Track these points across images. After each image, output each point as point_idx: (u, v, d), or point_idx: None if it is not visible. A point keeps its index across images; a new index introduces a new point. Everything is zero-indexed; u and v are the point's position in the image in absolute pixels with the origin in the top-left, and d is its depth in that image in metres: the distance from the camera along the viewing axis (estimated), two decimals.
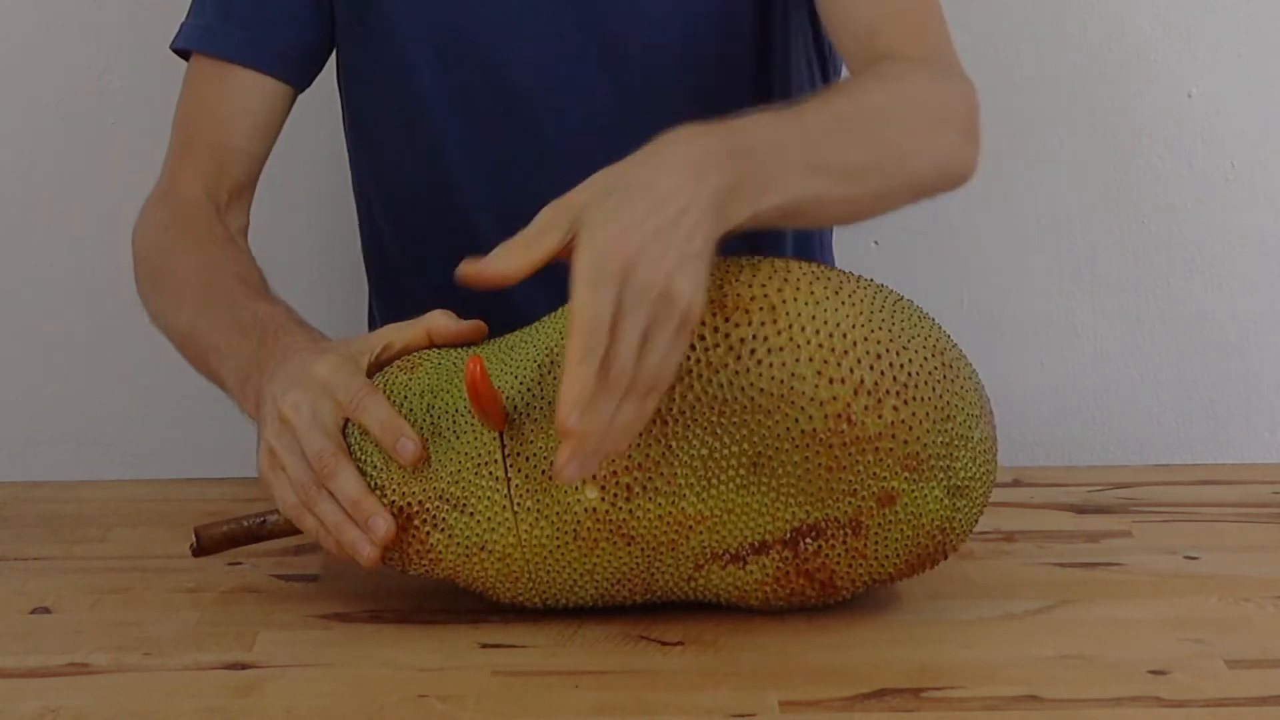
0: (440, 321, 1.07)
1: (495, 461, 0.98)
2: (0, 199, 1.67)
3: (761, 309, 0.98)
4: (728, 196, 0.97)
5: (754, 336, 0.97)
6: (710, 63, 1.28)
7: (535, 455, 0.98)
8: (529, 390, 0.99)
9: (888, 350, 0.98)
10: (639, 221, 0.93)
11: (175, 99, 1.63)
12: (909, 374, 0.98)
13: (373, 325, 1.43)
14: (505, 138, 1.30)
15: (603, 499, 0.97)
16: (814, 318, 0.97)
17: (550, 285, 0.97)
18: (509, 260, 0.94)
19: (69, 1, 1.64)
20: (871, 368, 0.97)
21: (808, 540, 0.99)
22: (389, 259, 1.39)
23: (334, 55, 1.36)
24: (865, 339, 0.98)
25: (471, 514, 0.99)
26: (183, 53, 1.34)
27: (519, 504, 0.98)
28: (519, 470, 0.98)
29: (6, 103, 1.65)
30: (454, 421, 1.00)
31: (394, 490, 1.00)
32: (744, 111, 1.02)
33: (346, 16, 1.31)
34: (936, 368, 0.99)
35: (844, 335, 0.97)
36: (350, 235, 1.45)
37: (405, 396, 1.02)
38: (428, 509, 1.00)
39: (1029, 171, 1.68)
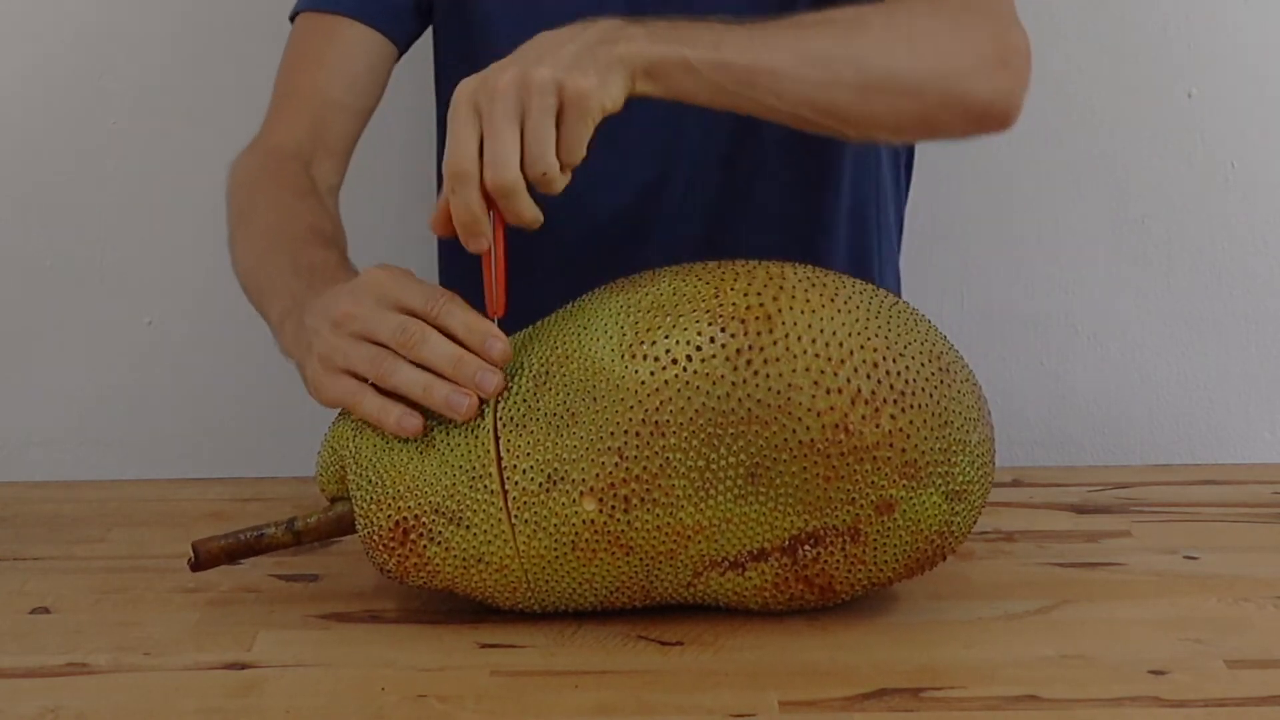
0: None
1: (490, 474, 0.98)
2: (0, 199, 1.67)
3: (757, 319, 0.97)
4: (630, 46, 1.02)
5: (750, 347, 0.97)
6: None
7: (532, 468, 0.97)
8: (524, 400, 0.99)
9: (884, 358, 0.98)
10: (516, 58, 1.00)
11: (175, 99, 1.65)
12: (906, 381, 0.98)
13: None
14: None
15: (600, 511, 0.97)
16: (810, 326, 0.97)
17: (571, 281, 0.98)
18: None
19: (69, 1, 1.64)
20: (868, 376, 0.97)
21: (806, 548, 0.98)
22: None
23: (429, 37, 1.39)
24: (861, 347, 0.97)
25: (468, 527, 0.99)
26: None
27: (516, 516, 0.98)
28: (515, 483, 0.98)
29: (7, 103, 1.65)
30: (446, 434, 0.99)
31: (389, 505, 1.00)
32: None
33: None
34: (933, 373, 0.99)
35: (840, 344, 0.97)
36: (425, 210, 1.45)
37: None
38: (424, 523, 0.99)
39: (1029, 171, 1.68)
